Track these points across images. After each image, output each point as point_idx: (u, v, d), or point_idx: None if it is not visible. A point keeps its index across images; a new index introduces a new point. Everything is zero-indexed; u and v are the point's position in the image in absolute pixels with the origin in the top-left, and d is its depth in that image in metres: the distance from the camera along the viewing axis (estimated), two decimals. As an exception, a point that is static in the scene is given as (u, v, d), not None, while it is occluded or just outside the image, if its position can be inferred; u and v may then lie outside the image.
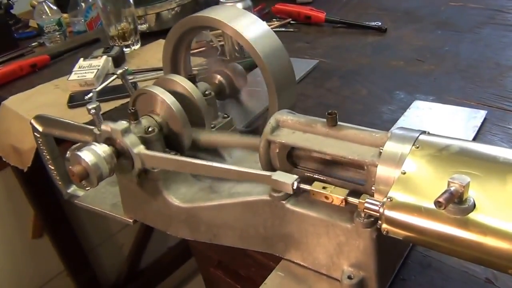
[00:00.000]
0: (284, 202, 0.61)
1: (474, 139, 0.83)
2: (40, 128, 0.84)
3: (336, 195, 0.55)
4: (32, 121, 0.84)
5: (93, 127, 0.72)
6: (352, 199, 0.54)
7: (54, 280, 1.96)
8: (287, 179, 0.57)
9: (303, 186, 0.57)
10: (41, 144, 0.86)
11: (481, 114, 0.90)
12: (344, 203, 0.55)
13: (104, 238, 2.11)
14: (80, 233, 1.97)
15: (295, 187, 0.56)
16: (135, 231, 2.16)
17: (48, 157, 0.87)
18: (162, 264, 2.32)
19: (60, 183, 0.89)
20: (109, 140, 0.69)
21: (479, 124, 0.87)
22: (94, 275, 2.08)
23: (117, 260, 2.20)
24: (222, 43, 1.32)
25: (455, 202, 0.44)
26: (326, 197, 0.56)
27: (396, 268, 0.62)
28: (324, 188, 0.57)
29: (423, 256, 0.64)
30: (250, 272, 0.73)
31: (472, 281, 0.60)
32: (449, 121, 0.90)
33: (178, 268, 2.29)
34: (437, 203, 0.42)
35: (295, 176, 0.57)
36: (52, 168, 0.88)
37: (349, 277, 0.58)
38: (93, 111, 0.69)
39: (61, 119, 0.83)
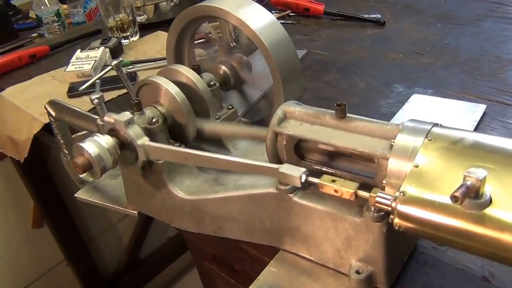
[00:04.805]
0: (291, 195, 0.60)
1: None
2: (53, 113, 0.84)
3: (346, 189, 0.54)
4: (46, 106, 0.85)
5: (97, 116, 0.71)
6: (362, 193, 0.53)
7: (55, 269, 1.96)
8: (295, 172, 0.56)
9: (311, 179, 0.56)
10: (55, 129, 0.86)
11: (480, 108, 0.89)
12: (354, 196, 0.54)
13: (104, 228, 2.11)
14: (80, 223, 1.97)
15: (303, 180, 0.55)
16: (134, 222, 2.15)
17: (62, 141, 0.87)
18: (161, 254, 2.32)
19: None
20: (112, 131, 0.68)
21: (478, 119, 0.86)
22: (94, 264, 2.08)
23: (117, 250, 2.20)
24: (220, 34, 1.31)
25: (471, 197, 0.43)
26: (336, 191, 0.55)
27: (403, 261, 0.61)
28: (333, 181, 0.56)
29: (418, 253, 0.63)
30: (244, 266, 0.72)
31: (469, 279, 0.59)
32: (448, 115, 0.89)
33: (178, 258, 2.30)
34: (453, 197, 0.42)
35: (303, 169, 0.56)
36: (66, 152, 0.88)
37: (357, 272, 0.58)
38: (96, 101, 0.69)
39: (71, 106, 0.83)
